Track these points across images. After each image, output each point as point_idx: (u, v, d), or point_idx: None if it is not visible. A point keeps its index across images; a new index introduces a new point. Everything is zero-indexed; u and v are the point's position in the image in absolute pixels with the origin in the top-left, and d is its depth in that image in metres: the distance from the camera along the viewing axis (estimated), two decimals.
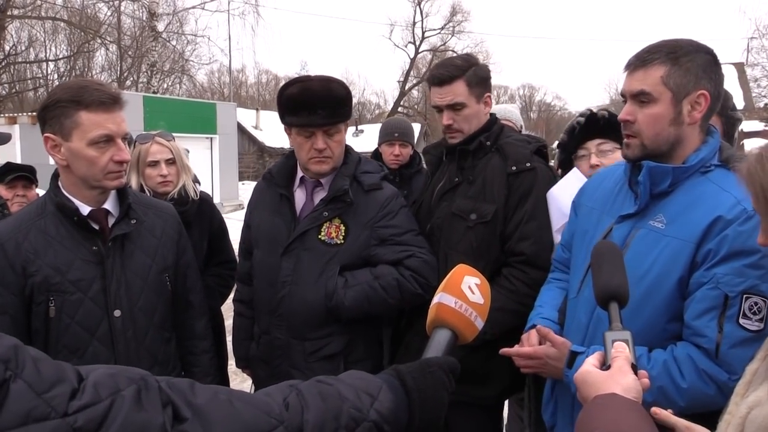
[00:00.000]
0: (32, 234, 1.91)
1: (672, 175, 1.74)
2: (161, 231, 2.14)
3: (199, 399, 0.92)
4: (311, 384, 1.06)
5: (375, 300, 2.31)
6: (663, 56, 1.72)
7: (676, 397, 1.63)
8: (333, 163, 2.37)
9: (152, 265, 2.07)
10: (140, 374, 0.90)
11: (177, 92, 33.16)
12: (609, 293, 1.34)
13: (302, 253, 2.35)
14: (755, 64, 31.12)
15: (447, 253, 2.43)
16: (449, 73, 2.39)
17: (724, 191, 1.68)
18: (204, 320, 2.31)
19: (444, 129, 2.49)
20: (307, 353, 2.36)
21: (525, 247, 2.36)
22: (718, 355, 1.61)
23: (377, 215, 2.36)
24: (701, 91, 1.71)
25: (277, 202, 2.46)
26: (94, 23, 28.39)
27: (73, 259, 1.92)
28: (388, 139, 3.99)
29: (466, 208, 2.43)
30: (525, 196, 2.39)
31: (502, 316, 2.21)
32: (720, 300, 1.61)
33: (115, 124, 1.88)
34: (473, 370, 2.34)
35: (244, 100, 44.70)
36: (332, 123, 2.30)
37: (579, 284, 1.95)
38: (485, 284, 1.42)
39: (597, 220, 1.96)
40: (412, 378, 1.13)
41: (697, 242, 1.66)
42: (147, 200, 2.25)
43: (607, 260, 1.40)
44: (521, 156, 2.43)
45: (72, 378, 0.83)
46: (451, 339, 1.33)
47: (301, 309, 2.34)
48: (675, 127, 1.73)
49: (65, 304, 1.90)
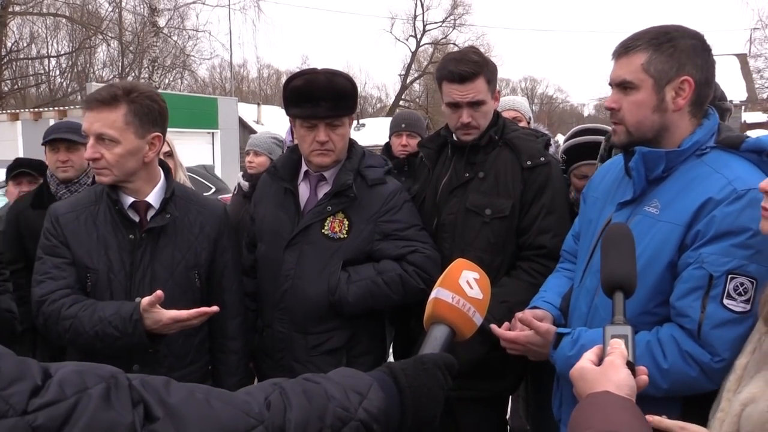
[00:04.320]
0: (83, 216, 2.10)
1: (666, 159, 1.72)
2: (199, 228, 2.18)
3: (174, 398, 0.89)
4: (296, 382, 1.03)
5: (378, 295, 2.31)
6: (645, 43, 1.70)
7: (659, 378, 1.60)
8: (335, 157, 2.36)
9: (182, 261, 2.12)
10: (111, 372, 0.87)
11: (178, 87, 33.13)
12: (615, 282, 1.30)
13: (305, 247, 2.35)
14: (758, 55, 31.05)
15: (463, 249, 2.40)
16: (471, 70, 2.36)
17: (716, 172, 1.65)
18: (237, 321, 2.31)
19: (459, 126, 2.44)
20: (310, 347, 2.36)
21: (545, 240, 2.36)
22: (700, 336, 1.58)
23: (381, 210, 2.35)
24: (684, 77, 1.68)
25: (281, 196, 2.46)
26: (96, 19, 28.37)
27: (111, 244, 2.07)
28: (396, 130, 4.10)
29: (480, 204, 2.41)
30: (541, 189, 2.39)
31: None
32: (705, 280, 1.58)
33: (88, 122, 2.00)
34: (493, 365, 2.35)
35: (245, 95, 44.57)
36: (334, 116, 2.30)
37: (581, 274, 1.96)
38: (485, 279, 1.40)
39: (600, 209, 1.95)
40: (406, 375, 1.11)
41: (687, 224, 1.64)
42: (194, 196, 2.30)
43: (617, 246, 1.35)
44: (535, 150, 2.43)
45: (35, 375, 0.80)
46: (449, 335, 1.30)
47: (304, 303, 2.34)
48: (659, 114, 1.71)
49: (97, 282, 2.06)
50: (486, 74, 2.39)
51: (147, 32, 29.31)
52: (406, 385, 1.09)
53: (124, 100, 1.97)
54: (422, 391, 1.10)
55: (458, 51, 2.61)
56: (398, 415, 1.07)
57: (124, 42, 29.36)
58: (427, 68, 43.46)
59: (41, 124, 19.97)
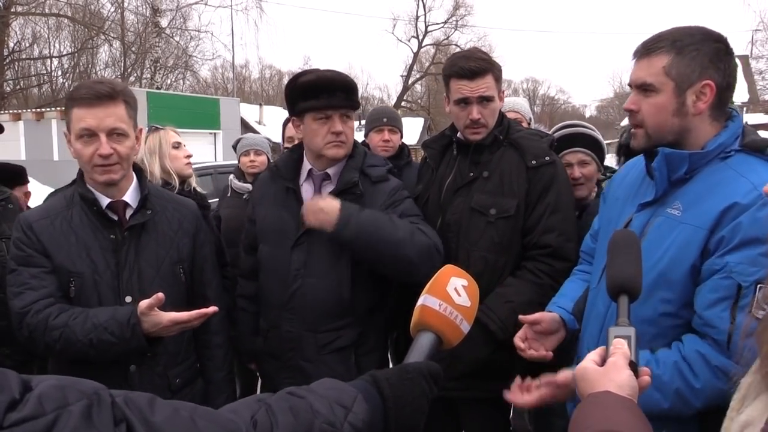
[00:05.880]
0: (58, 221, 2.05)
1: (689, 161, 1.68)
2: (178, 224, 2.19)
3: (158, 416, 0.86)
4: (282, 398, 1.02)
5: (383, 227, 2.20)
6: (668, 45, 1.67)
7: (692, 398, 1.57)
8: (347, 149, 2.37)
9: (166, 256, 2.12)
10: (94, 388, 0.84)
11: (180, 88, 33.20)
12: (619, 285, 1.30)
13: (313, 245, 2.34)
14: (760, 56, 31.09)
15: (468, 249, 2.40)
16: (481, 66, 2.37)
17: (741, 177, 1.61)
18: (219, 315, 2.30)
19: (468, 124, 2.43)
20: (320, 345, 2.35)
21: (551, 239, 2.35)
22: (729, 347, 1.55)
23: (385, 203, 2.35)
24: (706, 81, 1.65)
25: (283, 195, 2.45)
26: (98, 19, 28.45)
27: (92, 246, 2.03)
28: (377, 125, 3.71)
29: (485, 204, 2.40)
30: (546, 189, 2.38)
31: (531, 310, 2.22)
32: (733, 290, 1.55)
33: (96, 119, 1.94)
34: (498, 365, 2.34)
35: (247, 96, 44.64)
36: (349, 106, 2.34)
37: (600, 273, 1.91)
38: (473, 286, 1.37)
39: (620, 210, 1.92)
40: (390, 385, 1.10)
41: (711, 228, 1.60)
42: (168, 195, 2.31)
43: (622, 251, 1.34)
44: (540, 150, 2.43)
45: (14, 388, 0.77)
46: (435, 343, 1.27)
47: (314, 301, 2.33)
48: (679, 118, 1.69)
49: (83, 286, 2.02)
50: (494, 72, 2.41)
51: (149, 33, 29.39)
52: (390, 395, 1.08)
53: (122, 95, 1.99)
54: (406, 401, 1.10)
55: (465, 50, 2.63)
56: (382, 425, 1.06)
57: (127, 42, 29.45)
58: (428, 69, 43.55)
59: (43, 124, 20.03)
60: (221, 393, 2.27)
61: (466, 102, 2.40)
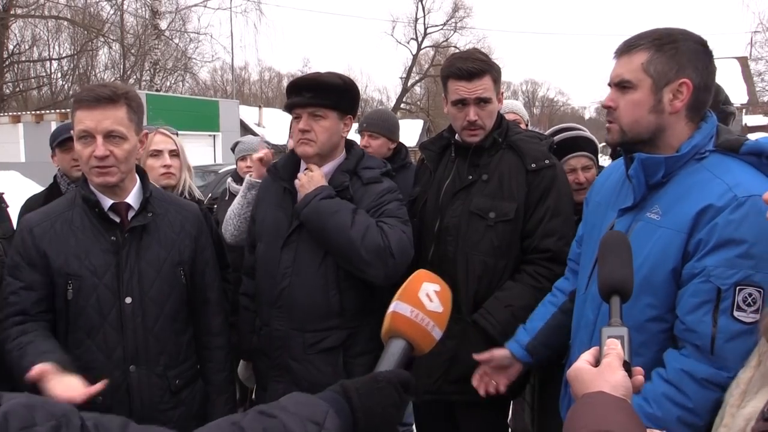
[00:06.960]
0: (58, 223, 2.07)
1: (665, 164, 1.70)
2: (180, 226, 2.21)
3: None
4: (254, 419, 1.00)
5: (339, 218, 2.21)
6: (648, 42, 1.69)
7: (695, 418, 1.57)
8: (317, 148, 2.34)
9: (167, 258, 2.14)
10: (63, 410, 0.82)
11: (180, 90, 33.17)
12: (611, 286, 1.29)
13: (301, 245, 2.35)
14: (759, 58, 31.08)
15: (467, 253, 2.39)
16: (479, 67, 2.36)
17: (716, 178, 1.62)
18: (221, 317, 2.35)
19: (465, 126, 2.42)
20: (307, 345, 2.35)
21: (550, 243, 2.35)
22: (713, 351, 1.56)
23: (371, 203, 2.34)
24: (683, 80, 1.66)
25: (280, 195, 2.47)
26: (97, 22, 28.43)
27: (92, 248, 2.05)
28: (358, 129, 3.70)
29: (484, 207, 2.40)
30: (546, 192, 2.38)
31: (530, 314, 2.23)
32: (713, 293, 1.56)
33: (94, 121, 1.96)
34: None
35: (246, 98, 44.63)
36: (314, 104, 2.30)
37: (587, 280, 1.92)
38: (446, 291, 1.36)
39: (603, 214, 1.93)
40: (359, 395, 1.10)
41: (689, 231, 1.61)
42: (170, 198, 2.33)
43: (614, 252, 1.34)
44: (539, 153, 2.43)
45: None
46: (406, 350, 1.26)
47: (302, 300, 2.34)
48: (655, 115, 1.70)
49: (82, 288, 2.03)
50: (492, 73, 2.40)
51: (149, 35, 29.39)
52: (359, 406, 1.09)
53: (124, 98, 2.00)
54: (375, 411, 1.10)
55: (464, 51, 2.62)
56: None
57: (126, 45, 29.42)
58: (428, 71, 43.52)
59: (43, 126, 20.00)
60: (221, 394, 2.28)
61: (463, 103, 2.40)
